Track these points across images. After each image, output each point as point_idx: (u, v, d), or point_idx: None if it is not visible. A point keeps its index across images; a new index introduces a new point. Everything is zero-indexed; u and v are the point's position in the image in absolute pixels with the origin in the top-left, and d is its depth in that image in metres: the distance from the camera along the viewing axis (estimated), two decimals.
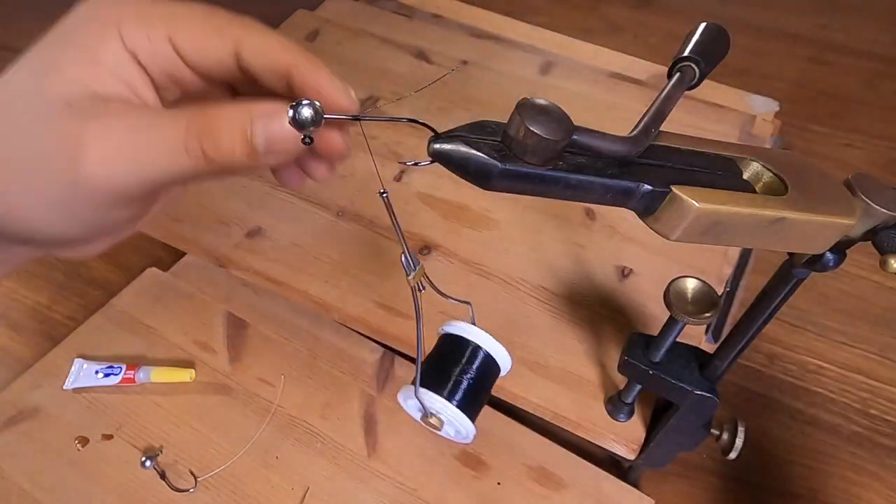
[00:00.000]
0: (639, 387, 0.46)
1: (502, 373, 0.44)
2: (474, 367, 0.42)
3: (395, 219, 0.30)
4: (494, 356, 0.42)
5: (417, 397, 0.40)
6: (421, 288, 0.35)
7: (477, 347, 0.42)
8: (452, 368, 0.41)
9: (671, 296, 0.38)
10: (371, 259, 0.59)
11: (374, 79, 0.76)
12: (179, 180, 0.22)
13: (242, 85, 0.26)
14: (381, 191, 0.29)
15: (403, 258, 0.33)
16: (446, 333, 0.43)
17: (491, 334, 0.42)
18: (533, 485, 0.50)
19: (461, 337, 0.42)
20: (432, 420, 0.41)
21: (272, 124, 0.21)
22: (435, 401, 0.40)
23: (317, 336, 0.59)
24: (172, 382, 0.55)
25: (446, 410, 0.40)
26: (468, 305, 0.43)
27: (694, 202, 0.26)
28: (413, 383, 0.39)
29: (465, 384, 0.41)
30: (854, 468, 0.55)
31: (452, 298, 0.40)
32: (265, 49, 0.23)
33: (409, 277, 0.33)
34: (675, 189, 0.26)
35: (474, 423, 0.41)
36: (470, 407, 0.41)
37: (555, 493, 0.50)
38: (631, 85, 0.77)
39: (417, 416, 0.43)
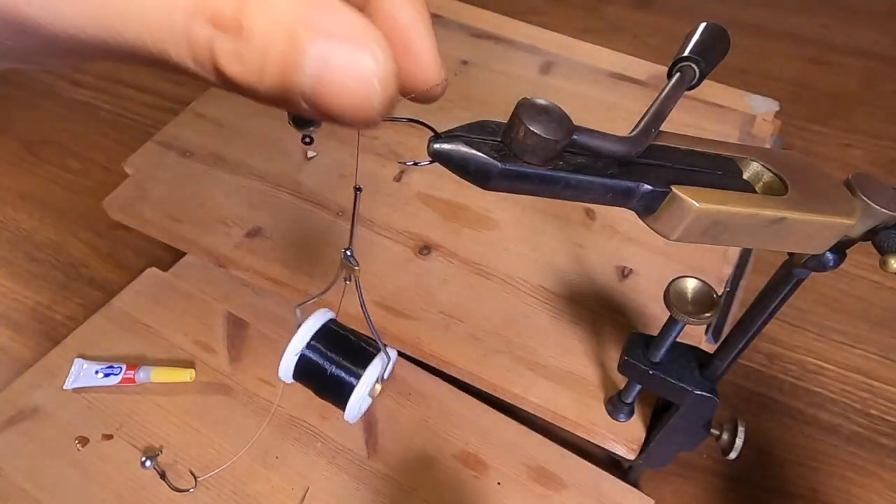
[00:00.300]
0: (639, 387, 0.46)
1: (326, 319, 0.50)
2: (330, 355, 0.49)
3: (356, 217, 0.31)
4: (318, 328, 0.49)
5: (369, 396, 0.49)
6: (347, 279, 0.39)
7: (306, 348, 0.49)
8: (326, 369, 0.49)
9: (671, 296, 0.38)
10: (371, 259, 0.59)
11: None
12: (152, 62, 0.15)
13: None
14: (356, 186, 0.29)
15: (347, 252, 0.35)
16: (301, 353, 0.49)
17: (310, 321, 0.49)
18: (533, 485, 0.50)
19: (304, 347, 0.49)
20: (377, 386, 0.49)
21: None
22: (361, 388, 0.47)
23: None
24: (172, 382, 0.55)
25: (360, 386, 0.47)
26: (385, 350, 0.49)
27: (694, 202, 0.26)
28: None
29: (334, 367, 0.48)
30: (854, 468, 0.55)
31: (369, 320, 0.47)
32: None
33: (343, 260, 0.37)
34: (675, 189, 0.26)
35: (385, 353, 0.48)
36: (351, 365, 0.48)
37: (555, 493, 0.50)
38: (631, 85, 0.77)
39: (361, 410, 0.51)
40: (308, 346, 0.48)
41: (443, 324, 0.54)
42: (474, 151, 0.24)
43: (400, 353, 0.57)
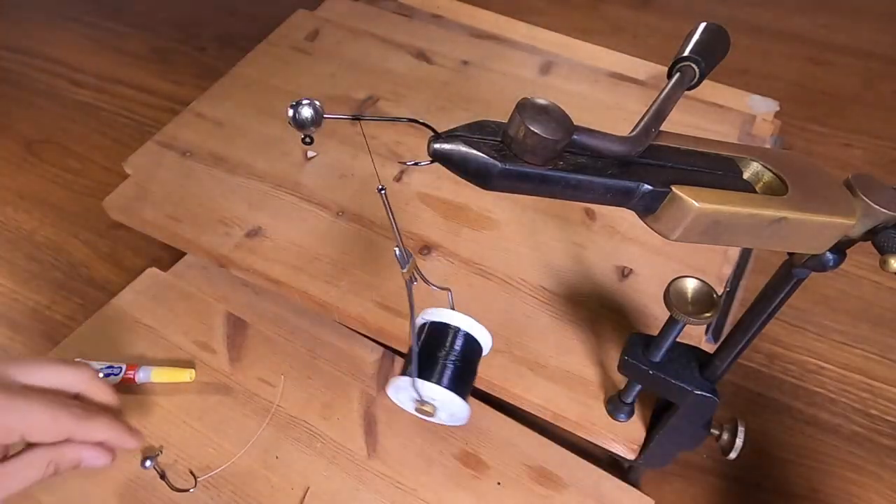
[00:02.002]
0: (639, 387, 0.46)
1: (485, 351, 0.45)
2: (457, 349, 0.43)
3: (392, 214, 0.30)
4: (475, 336, 0.44)
5: (415, 387, 0.41)
6: (414, 279, 0.36)
7: (457, 330, 0.43)
8: (437, 354, 0.43)
9: (671, 296, 0.38)
10: (371, 259, 0.59)
11: (374, 79, 0.76)
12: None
13: None
14: (379, 187, 0.29)
15: (398, 251, 0.34)
16: (426, 322, 0.44)
17: (469, 315, 0.44)
18: (533, 485, 0.50)
19: (441, 323, 0.44)
20: (426, 408, 0.43)
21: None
22: (424, 387, 0.41)
23: (317, 336, 0.59)
24: (172, 382, 0.55)
25: (438, 395, 0.41)
26: (448, 291, 0.44)
27: (694, 202, 0.26)
28: (403, 373, 0.41)
29: (451, 367, 0.42)
30: (854, 468, 0.55)
31: (434, 286, 0.42)
32: (98, 391, 0.45)
33: (404, 270, 0.35)
34: (675, 189, 0.26)
35: (467, 402, 0.43)
36: (460, 387, 0.42)
37: (555, 493, 0.50)
38: (631, 85, 0.77)
39: (409, 406, 0.44)
40: (445, 383, 0.42)
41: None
42: (474, 151, 0.24)
43: (400, 354, 0.57)
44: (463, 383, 0.43)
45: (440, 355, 0.43)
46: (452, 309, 0.44)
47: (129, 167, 0.66)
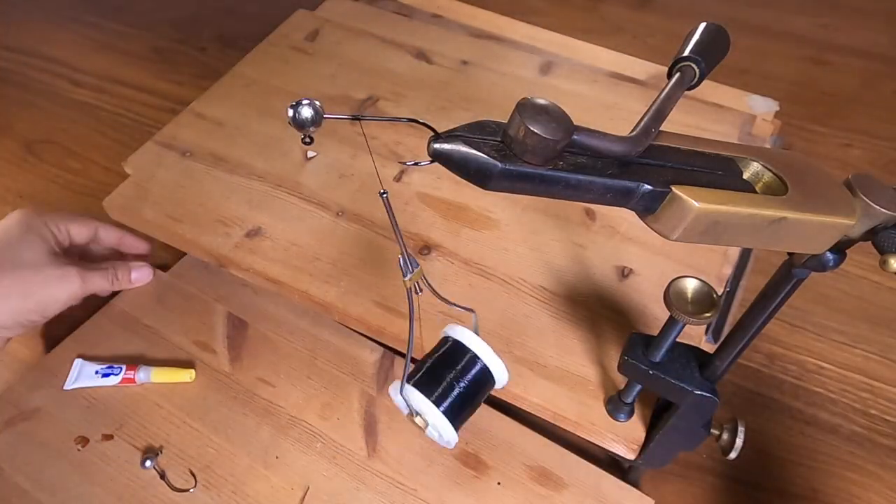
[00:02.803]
0: (639, 387, 0.46)
1: (496, 387, 0.43)
2: (469, 376, 0.40)
3: (395, 220, 0.30)
4: (491, 369, 0.41)
5: (402, 395, 0.39)
6: (418, 290, 0.34)
7: (475, 357, 0.41)
8: (446, 373, 0.40)
9: (671, 296, 0.38)
10: (371, 259, 0.59)
11: (374, 79, 0.76)
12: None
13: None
14: (382, 191, 0.29)
15: (401, 259, 0.32)
16: (447, 337, 0.42)
17: (492, 347, 0.41)
18: (533, 485, 0.50)
19: (461, 343, 0.41)
20: (417, 420, 0.41)
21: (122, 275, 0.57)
22: (422, 402, 0.39)
23: (317, 336, 0.59)
24: (172, 382, 0.55)
25: (431, 414, 0.39)
26: (472, 313, 0.42)
27: (694, 202, 0.26)
28: (409, 380, 0.39)
29: (455, 392, 0.40)
30: (854, 468, 0.55)
31: (456, 305, 0.40)
32: (108, 231, 0.57)
33: (406, 279, 0.33)
34: (675, 189, 0.26)
35: (458, 432, 0.40)
36: (456, 415, 0.40)
37: (555, 493, 0.50)
38: (631, 85, 0.77)
39: (405, 410, 0.42)
40: (443, 407, 0.40)
41: (443, 324, 0.54)
42: (474, 151, 0.24)
43: (400, 354, 0.57)
44: (461, 412, 0.40)
45: (448, 376, 0.40)
46: (476, 333, 0.41)
47: (129, 167, 0.66)
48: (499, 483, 0.50)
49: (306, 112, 0.22)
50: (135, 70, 0.92)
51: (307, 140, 0.22)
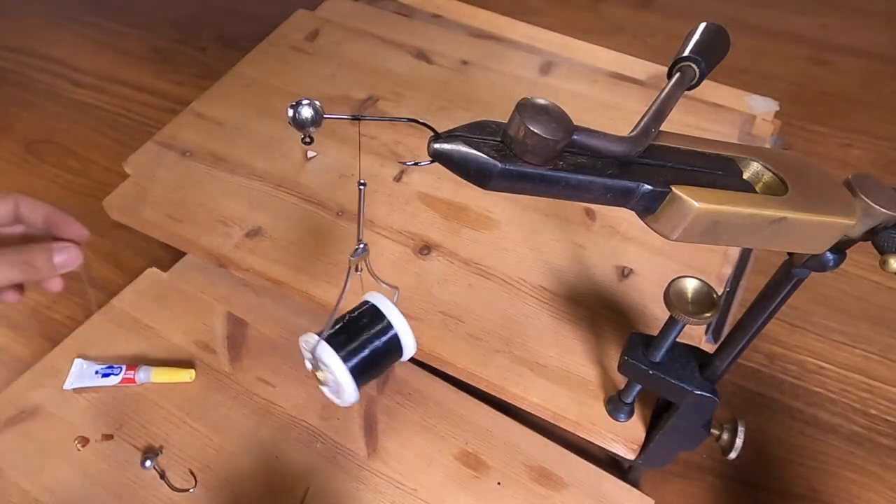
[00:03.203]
0: (639, 387, 0.46)
1: (402, 358, 0.45)
2: (381, 342, 0.43)
3: (362, 210, 0.32)
4: (402, 340, 0.43)
5: (314, 350, 0.41)
6: (358, 269, 0.37)
7: (389, 325, 0.43)
8: (360, 335, 0.42)
9: (671, 296, 0.38)
10: (371, 259, 0.59)
11: (374, 79, 0.76)
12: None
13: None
14: (360, 182, 0.29)
15: (358, 242, 0.35)
16: (366, 301, 0.44)
17: (406, 321, 0.44)
18: (533, 485, 0.50)
19: (379, 311, 0.43)
20: (319, 374, 0.42)
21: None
22: (331, 357, 0.41)
23: None
24: (172, 382, 0.55)
25: (338, 370, 0.41)
26: (395, 289, 0.44)
27: (694, 202, 0.26)
28: (319, 333, 0.41)
29: (364, 353, 0.42)
30: (854, 468, 0.55)
31: (384, 282, 0.42)
32: (32, 205, 0.43)
33: (352, 258, 0.36)
34: (675, 189, 0.26)
35: (358, 392, 0.42)
36: (360, 375, 0.42)
37: (555, 493, 0.50)
38: (631, 85, 0.77)
39: (308, 364, 0.44)
40: (350, 364, 0.42)
41: (443, 324, 0.54)
42: (474, 151, 0.24)
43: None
44: (364, 373, 0.43)
45: (360, 338, 0.42)
46: (395, 305, 0.44)
47: (129, 167, 0.66)
48: (499, 483, 0.50)
49: (306, 112, 0.22)
50: (135, 70, 0.92)
51: (307, 140, 0.22)
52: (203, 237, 0.60)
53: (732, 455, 0.43)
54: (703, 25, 0.32)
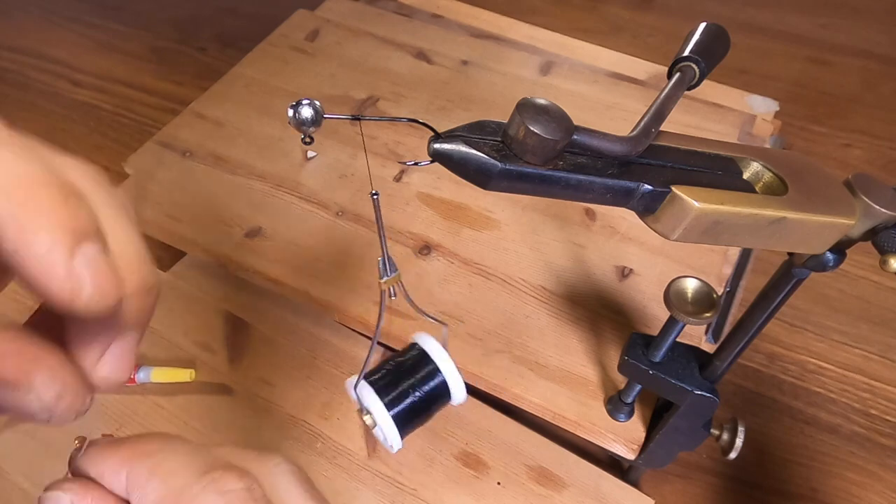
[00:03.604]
0: (639, 387, 0.46)
1: (451, 404, 0.42)
2: (426, 387, 0.40)
3: (381, 222, 0.30)
4: (450, 385, 0.41)
5: (356, 391, 0.39)
6: (392, 294, 0.34)
7: (436, 370, 0.40)
8: (404, 380, 0.40)
9: (671, 296, 0.38)
10: (371, 259, 0.59)
11: (374, 79, 0.76)
12: None
13: None
14: (373, 192, 0.29)
15: (381, 262, 0.33)
16: (414, 344, 0.42)
17: (456, 365, 0.41)
18: (533, 485, 0.50)
19: (426, 353, 0.41)
20: (366, 418, 0.40)
21: None
22: (374, 402, 0.39)
23: (317, 336, 0.59)
24: (172, 382, 0.55)
25: (381, 416, 0.39)
26: (444, 326, 0.41)
27: (694, 202, 0.26)
28: (367, 377, 0.39)
29: (409, 400, 0.39)
30: (854, 468, 0.55)
31: (429, 317, 0.39)
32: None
33: (382, 281, 0.33)
34: (675, 189, 0.26)
35: (402, 440, 0.40)
36: (404, 423, 0.40)
37: (555, 493, 0.50)
38: (631, 85, 0.77)
39: (357, 405, 0.42)
40: (394, 412, 0.40)
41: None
42: (474, 151, 0.24)
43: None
44: (410, 421, 0.40)
45: (406, 383, 0.40)
46: (445, 346, 0.41)
47: (129, 167, 0.66)
48: (499, 483, 0.50)
49: (306, 112, 0.22)
50: (135, 70, 0.92)
51: (307, 140, 0.22)
52: (203, 237, 0.60)
53: (732, 455, 0.43)
54: (703, 25, 0.32)
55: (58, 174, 0.16)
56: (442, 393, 0.41)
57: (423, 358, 0.41)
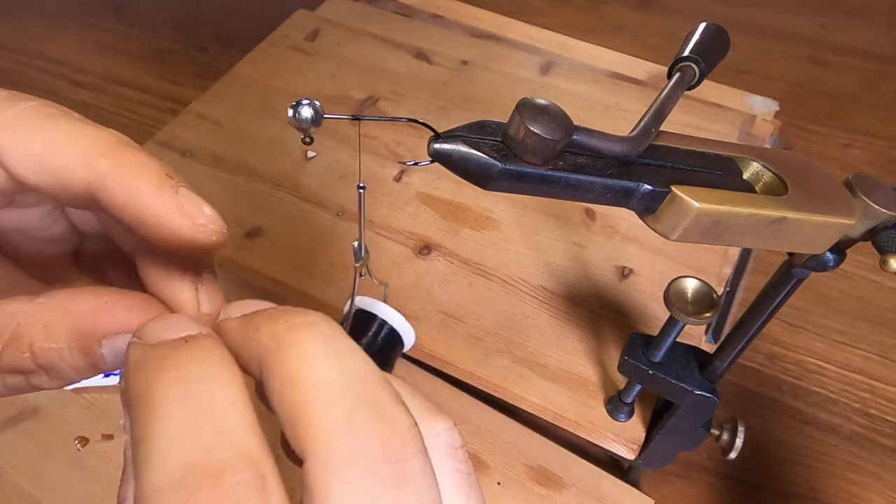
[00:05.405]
0: (639, 387, 0.46)
1: (406, 347, 0.47)
2: (378, 340, 0.45)
3: (363, 214, 0.31)
4: (399, 331, 0.45)
5: None
6: (362, 274, 0.38)
7: (382, 323, 0.45)
8: (358, 342, 0.44)
9: (671, 296, 0.38)
10: (370, 259, 0.59)
11: (374, 79, 0.76)
12: None
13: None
14: (360, 185, 0.29)
15: (356, 245, 0.35)
16: (357, 309, 0.46)
17: (397, 310, 0.46)
18: (533, 485, 0.50)
19: (367, 312, 0.45)
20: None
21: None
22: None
23: None
24: None
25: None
26: (385, 285, 0.47)
27: (694, 202, 0.26)
28: None
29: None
30: (854, 468, 0.55)
31: (375, 279, 0.43)
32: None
33: (357, 264, 0.36)
34: (675, 189, 0.26)
35: None
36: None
37: (555, 493, 0.50)
38: (631, 85, 0.77)
39: None
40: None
41: (443, 324, 0.54)
42: (474, 151, 0.24)
43: (402, 355, 0.57)
44: None
45: (360, 343, 0.44)
46: (385, 302, 0.46)
47: None
48: (499, 483, 0.50)
49: (306, 112, 0.22)
50: (135, 70, 0.92)
51: (307, 140, 0.22)
52: None
53: (732, 455, 0.43)
54: (703, 25, 0.32)
55: (118, 135, 0.18)
56: (395, 340, 0.46)
57: (367, 316, 0.46)
